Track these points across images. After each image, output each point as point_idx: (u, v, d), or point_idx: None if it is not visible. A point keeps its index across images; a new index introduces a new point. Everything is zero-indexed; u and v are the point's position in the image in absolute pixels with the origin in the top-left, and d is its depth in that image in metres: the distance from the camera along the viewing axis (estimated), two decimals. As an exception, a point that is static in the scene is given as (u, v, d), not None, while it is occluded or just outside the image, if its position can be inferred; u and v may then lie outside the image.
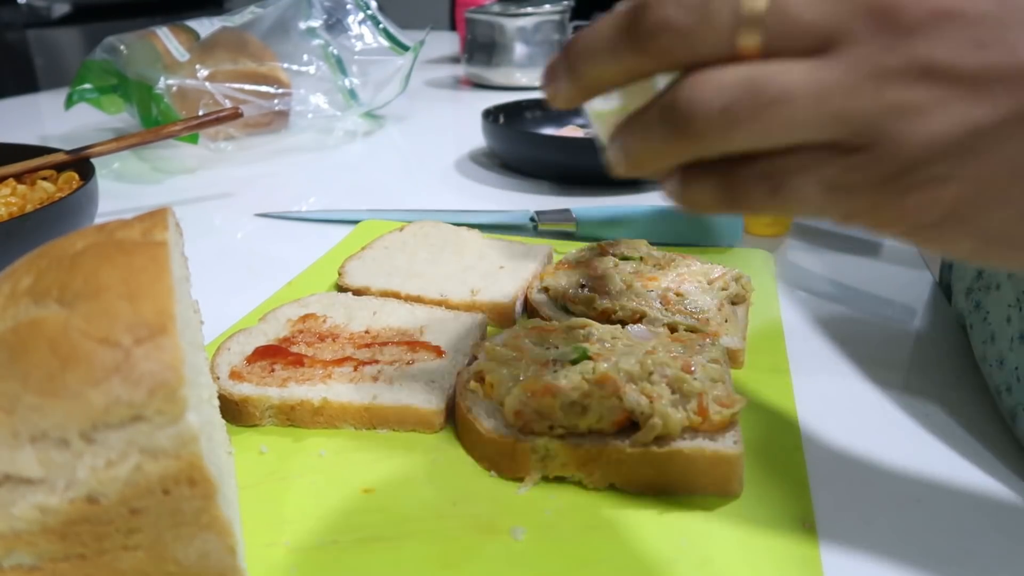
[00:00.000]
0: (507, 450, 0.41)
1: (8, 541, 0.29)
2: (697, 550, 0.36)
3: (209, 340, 0.53)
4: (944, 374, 0.51)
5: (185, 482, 0.30)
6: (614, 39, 0.28)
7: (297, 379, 0.46)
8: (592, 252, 0.62)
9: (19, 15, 2.40)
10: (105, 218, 0.57)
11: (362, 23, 1.19)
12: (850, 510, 0.39)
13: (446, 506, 0.39)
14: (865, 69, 0.25)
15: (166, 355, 0.29)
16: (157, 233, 0.34)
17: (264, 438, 0.45)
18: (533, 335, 0.49)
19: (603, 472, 0.40)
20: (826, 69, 0.25)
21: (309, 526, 0.38)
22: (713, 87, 0.26)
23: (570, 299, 0.56)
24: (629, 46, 0.28)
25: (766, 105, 0.26)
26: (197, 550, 0.31)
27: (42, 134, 1.19)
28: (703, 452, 0.39)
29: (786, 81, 0.25)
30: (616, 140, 0.30)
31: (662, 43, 0.27)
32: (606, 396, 0.41)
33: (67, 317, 0.29)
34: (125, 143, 0.79)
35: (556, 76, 0.31)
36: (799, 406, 0.47)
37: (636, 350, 0.45)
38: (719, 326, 0.52)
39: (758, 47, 0.26)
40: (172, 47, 1.03)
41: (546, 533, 0.37)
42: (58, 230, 0.60)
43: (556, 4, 1.45)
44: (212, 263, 0.70)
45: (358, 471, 0.42)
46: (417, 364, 0.48)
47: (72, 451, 0.28)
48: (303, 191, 0.92)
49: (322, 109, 1.13)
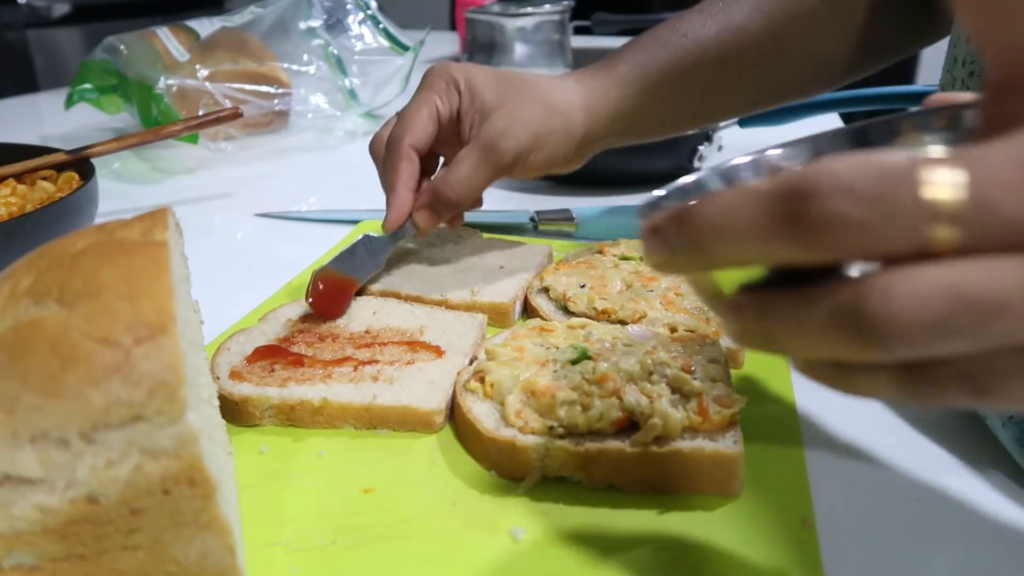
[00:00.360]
0: (507, 450, 0.41)
1: (8, 541, 0.29)
2: (697, 550, 0.36)
3: (209, 340, 0.53)
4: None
5: (185, 482, 0.30)
6: (764, 226, 0.24)
7: (297, 379, 0.46)
8: (592, 252, 0.62)
9: (19, 15, 2.40)
10: (105, 218, 0.57)
11: (362, 23, 1.19)
12: (850, 510, 0.39)
13: (446, 506, 0.39)
14: None
15: (166, 355, 0.29)
16: (157, 233, 0.34)
17: (264, 438, 0.45)
18: (533, 335, 0.49)
19: (603, 472, 0.40)
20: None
21: (309, 526, 0.38)
22: (914, 297, 0.22)
23: (570, 299, 0.56)
24: (787, 237, 0.23)
25: (981, 317, 0.22)
26: (197, 550, 0.31)
27: (42, 134, 1.19)
28: (703, 452, 0.39)
29: (998, 288, 0.22)
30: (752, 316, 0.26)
31: (835, 239, 0.22)
32: (606, 396, 0.41)
33: (67, 317, 0.29)
34: (125, 143, 0.79)
35: (669, 244, 0.26)
36: (799, 406, 0.47)
37: (636, 350, 0.45)
38: (719, 326, 0.52)
39: (952, 244, 0.22)
40: (172, 47, 1.03)
41: (546, 533, 0.37)
42: (58, 230, 0.60)
43: (556, 4, 1.45)
44: (212, 263, 0.70)
45: (358, 471, 0.42)
46: (417, 364, 0.48)
47: (72, 451, 0.28)
48: (303, 191, 0.92)
49: (322, 109, 1.13)
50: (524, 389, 0.42)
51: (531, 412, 0.41)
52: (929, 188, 0.22)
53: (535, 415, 0.41)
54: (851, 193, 0.22)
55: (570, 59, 1.48)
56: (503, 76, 0.58)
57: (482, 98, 0.57)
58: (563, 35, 1.47)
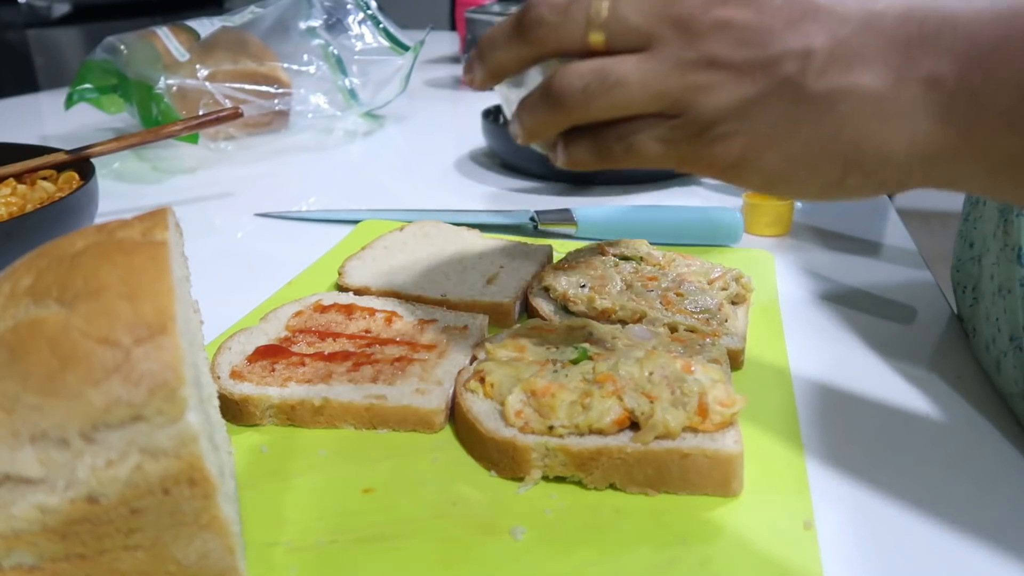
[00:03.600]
0: (507, 450, 0.41)
1: (8, 541, 0.29)
2: (697, 550, 0.36)
3: (209, 340, 0.53)
4: (944, 374, 0.51)
5: (185, 482, 0.30)
6: (507, 32, 0.39)
7: (297, 379, 0.46)
8: (592, 252, 0.62)
9: (19, 15, 2.40)
10: (105, 218, 0.57)
11: (362, 23, 1.19)
12: (850, 510, 0.39)
13: (446, 506, 0.39)
14: (671, 61, 0.36)
15: (166, 355, 0.29)
16: (157, 233, 0.34)
17: (264, 438, 0.45)
18: (533, 335, 0.49)
19: (603, 472, 0.40)
20: (647, 61, 0.36)
21: (309, 526, 0.38)
22: (575, 75, 0.37)
23: (570, 299, 0.56)
24: (516, 37, 0.39)
25: (610, 87, 0.37)
26: (197, 550, 0.31)
27: (42, 134, 1.19)
28: (703, 452, 0.39)
29: (621, 70, 0.36)
30: (515, 117, 0.42)
31: (537, 35, 0.38)
32: (606, 396, 0.41)
33: (67, 317, 0.29)
34: (125, 143, 0.79)
35: (472, 64, 0.42)
36: (799, 406, 0.47)
37: (636, 350, 0.45)
38: (719, 326, 0.52)
39: (603, 43, 0.37)
40: (172, 47, 1.03)
41: (546, 533, 0.37)
42: (58, 230, 0.60)
43: (556, 4, 1.45)
44: (212, 263, 0.70)
45: (358, 471, 0.42)
46: (417, 364, 0.48)
47: (72, 451, 0.28)
48: (303, 191, 0.92)
49: (322, 109, 1.13)
50: (524, 389, 0.42)
51: (531, 412, 0.41)
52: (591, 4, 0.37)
53: (535, 415, 0.41)
54: (548, 4, 0.38)
55: (570, 59, 1.48)
56: None
57: None
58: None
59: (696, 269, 0.59)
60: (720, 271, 0.58)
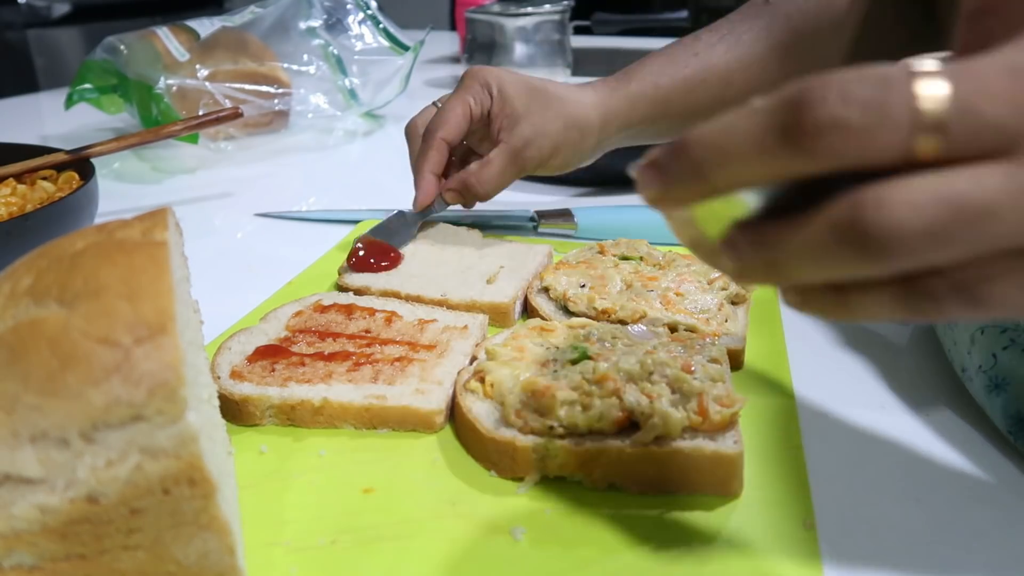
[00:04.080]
0: (507, 450, 0.41)
1: (8, 541, 0.29)
2: (697, 550, 0.36)
3: (209, 340, 0.53)
4: (944, 374, 0.51)
5: (185, 482, 0.30)
6: (763, 138, 0.25)
7: (297, 379, 0.46)
8: (592, 252, 0.62)
9: (19, 15, 2.39)
10: (105, 218, 0.57)
11: (362, 23, 1.19)
12: (850, 510, 0.39)
13: (446, 506, 0.39)
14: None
15: (166, 355, 0.29)
16: (157, 233, 0.34)
17: (264, 438, 0.45)
18: (533, 335, 0.49)
19: (603, 472, 0.40)
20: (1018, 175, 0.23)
21: (309, 526, 0.38)
22: (908, 206, 0.23)
23: (570, 299, 0.56)
24: (786, 146, 0.24)
25: (972, 223, 0.23)
26: (197, 550, 0.31)
27: (42, 134, 1.19)
28: (703, 452, 0.39)
29: (987, 194, 0.23)
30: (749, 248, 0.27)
31: (830, 144, 0.24)
32: (606, 396, 0.41)
33: (67, 317, 0.29)
34: (125, 143, 0.79)
35: (666, 175, 0.27)
36: (799, 406, 0.47)
37: (636, 350, 0.45)
38: (719, 326, 0.52)
39: (939, 150, 0.23)
40: (172, 47, 1.03)
41: (546, 533, 0.37)
42: (58, 230, 0.60)
43: (556, 4, 1.45)
44: (212, 263, 0.70)
45: (358, 471, 0.42)
46: (417, 364, 0.48)
47: (72, 451, 0.28)
48: (303, 191, 0.92)
49: (322, 109, 1.13)
50: (524, 389, 0.42)
51: (531, 412, 0.41)
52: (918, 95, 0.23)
53: (535, 415, 0.41)
54: (846, 98, 0.23)
55: (570, 59, 1.48)
56: (531, 86, 0.67)
57: (512, 105, 0.66)
58: (563, 35, 1.47)
59: (696, 269, 0.59)
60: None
